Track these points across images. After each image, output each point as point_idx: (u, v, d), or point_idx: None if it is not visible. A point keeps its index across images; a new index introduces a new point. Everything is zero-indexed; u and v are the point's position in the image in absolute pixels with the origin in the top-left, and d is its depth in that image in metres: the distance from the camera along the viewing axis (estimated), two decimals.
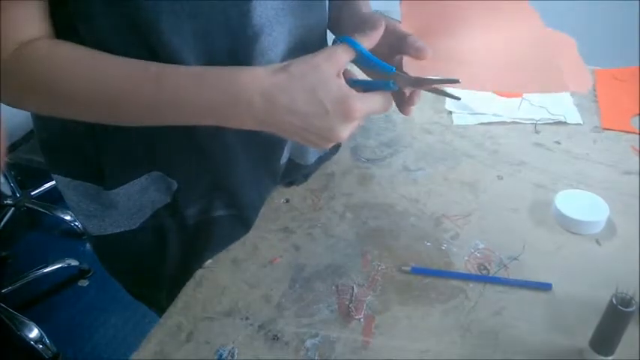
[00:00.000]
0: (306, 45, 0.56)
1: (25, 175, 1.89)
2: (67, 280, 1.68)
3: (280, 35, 0.56)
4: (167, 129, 0.51)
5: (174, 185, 0.59)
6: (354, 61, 0.54)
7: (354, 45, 0.52)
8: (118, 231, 0.62)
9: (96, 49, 0.48)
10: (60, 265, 1.65)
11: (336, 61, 0.50)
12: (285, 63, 0.50)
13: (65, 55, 0.48)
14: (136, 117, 0.50)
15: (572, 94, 0.94)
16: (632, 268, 0.62)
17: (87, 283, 1.66)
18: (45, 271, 1.64)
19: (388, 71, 0.54)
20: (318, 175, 0.78)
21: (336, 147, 0.81)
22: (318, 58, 0.50)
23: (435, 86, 0.55)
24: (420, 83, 0.54)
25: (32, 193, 1.86)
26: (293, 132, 0.50)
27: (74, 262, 1.66)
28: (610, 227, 0.67)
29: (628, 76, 0.99)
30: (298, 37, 0.58)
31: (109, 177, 0.57)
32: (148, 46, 0.49)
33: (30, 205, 1.84)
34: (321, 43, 0.63)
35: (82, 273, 1.67)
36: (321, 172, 0.79)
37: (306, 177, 0.77)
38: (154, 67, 0.48)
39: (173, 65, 0.49)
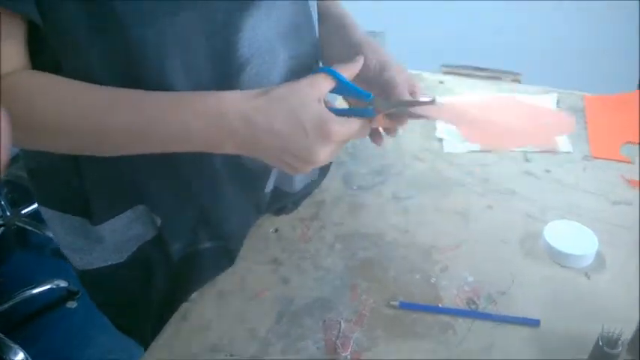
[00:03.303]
0: (298, 76, 0.56)
1: (17, 193, 1.87)
2: (55, 301, 1.66)
3: (270, 66, 0.56)
4: (150, 163, 0.50)
5: (159, 220, 0.58)
6: (334, 91, 0.55)
7: (334, 74, 0.53)
8: (105, 265, 0.61)
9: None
10: (48, 287, 1.63)
11: (317, 88, 0.51)
12: (266, 88, 0.50)
13: (43, 85, 0.48)
14: (117, 145, 0.50)
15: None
16: (620, 302, 0.62)
17: (75, 305, 1.63)
18: (33, 292, 1.61)
19: (366, 98, 0.56)
20: (308, 203, 0.78)
21: (324, 173, 0.81)
22: (300, 84, 0.51)
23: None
24: (397, 107, 0.57)
25: (23, 212, 1.84)
26: (272, 154, 0.51)
27: (63, 283, 1.64)
28: (599, 260, 0.67)
29: (617, 103, 1.00)
30: (289, 68, 0.59)
31: (95, 212, 0.57)
32: (134, 78, 0.48)
33: (20, 224, 1.82)
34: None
35: (70, 294, 1.65)
36: (312, 200, 0.79)
37: (295, 204, 0.77)
38: (132, 93, 0.48)
39: (152, 93, 0.48)
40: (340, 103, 0.71)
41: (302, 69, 0.59)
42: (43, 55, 0.48)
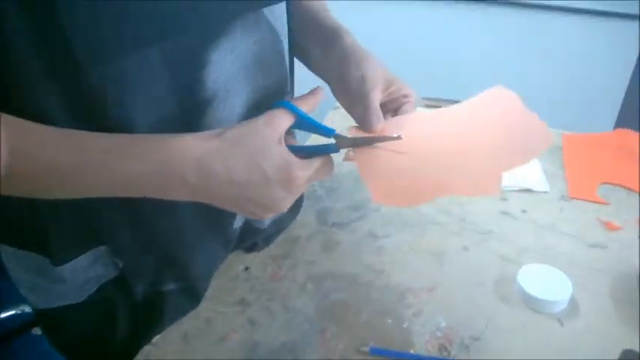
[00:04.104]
0: (266, 107, 0.55)
1: None
2: (20, 327, 1.60)
3: (237, 99, 0.55)
4: (110, 202, 0.48)
5: (121, 263, 0.56)
6: (294, 126, 0.53)
7: (293, 109, 0.51)
8: (64, 304, 0.58)
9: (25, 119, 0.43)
10: (14, 312, 1.58)
11: (276, 127, 0.49)
12: (220, 129, 0.47)
13: None
14: (60, 189, 0.45)
15: (540, 160, 0.94)
16: (592, 351, 0.61)
17: (40, 332, 1.58)
18: None
19: (328, 134, 0.54)
20: (281, 240, 0.76)
21: (297, 209, 0.79)
22: (257, 124, 0.48)
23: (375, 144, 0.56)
24: (361, 143, 0.56)
25: None
26: (230, 202, 0.48)
27: (28, 309, 1.59)
28: (573, 306, 0.66)
29: (595, 142, 1.00)
30: (256, 101, 0.57)
31: (55, 252, 0.54)
32: (93, 115, 0.46)
33: None
34: None
35: (36, 320, 1.60)
36: (285, 237, 0.77)
37: (267, 241, 0.75)
38: (78, 135, 0.44)
39: (98, 134, 0.45)
40: None
41: (268, 102, 0.57)
42: None
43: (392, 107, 0.62)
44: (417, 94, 0.64)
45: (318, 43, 0.65)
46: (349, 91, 0.59)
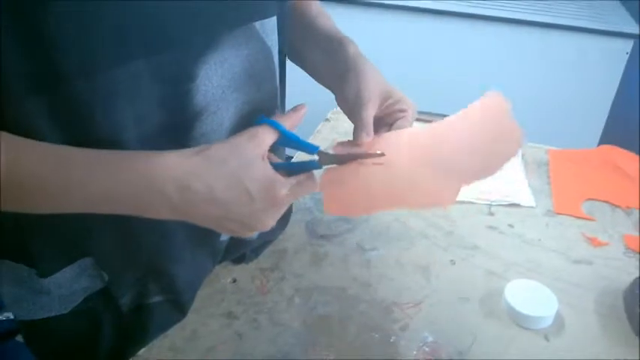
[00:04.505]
0: (252, 124, 0.54)
1: None
2: (3, 334, 1.57)
3: (226, 113, 0.55)
4: (95, 215, 0.47)
5: (107, 275, 0.56)
6: (277, 143, 0.52)
7: (275, 126, 0.51)
8: (48, 316, 0.58)
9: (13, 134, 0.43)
10: None
11: (258, 144, 0.48)
12: (202, 146, 0.47)
13: None
14: (47, 205, 0.45)
15: (527, 175, 0.95)
16: None
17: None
18: None
19: (312, 150, 0.54)
20: (269, 252, 0.76)
21: (285, 221, 0.79)
22: (239, 141, 0.47)
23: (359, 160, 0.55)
24: (344, 160, 0.55)
25: None
26: (213, 221, 0.48)
27: (12, 315, 1.57)
28: (558, 322, 0.67)
29: (581, 158, 1.02)
30: (245, 115, 0.57)
31: (41, 264, 0.53)
32: (79, 129, 0.45)
33: None
34: None
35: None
36: (274, 249, 0.77)
37: (255, 253, 0.75)
38: (58, 149, 0.43)
39: (80, 150, 0.44)
40: None
41: (257, 116, 0.57)
42: None
43: (388, 121, 0.61)
44: (415, 106, 0.63)
45: (321, 52, 0.64)
46: (347, 102, 0.59)
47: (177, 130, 0.51)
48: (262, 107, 0.59)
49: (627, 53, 1.69)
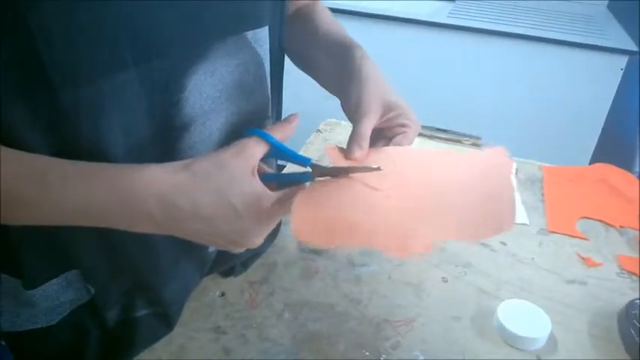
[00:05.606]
0: (242, 135, 0.53)
1: None
2: None
3: (215, 124, 0.54)
4: (81, 227, 0.46)
5: (93, 289, 0.54)
6: (269, 155, 0.51)
7: (266, 138, 0.49)
8: (34, 327, 0.56)
9: None
10: None
11: (247, 157, 0.46)
12: (187, 161, 0.45)
13: None
14: (24, 218, 0.43)
15: (520, 192, 0.95)
16: None
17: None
18: None
19: (304, 163, 0.52)
20: (259, 265, 0.75)
21: (275, 233, 0.78)
22: (226, 155, 0.46)
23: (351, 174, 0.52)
24: (337, 173, 0.52)
25: None
26: (199, 237, 0.46)
27: None
28: (551, 343, 0.66)
29: (575, 175, 1.01)
30: (235, 125, 0.56)
31: (27, 275, 0.52)
32: (65, 139, 0.44)
33: None
34: None
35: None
36: (263, 262, 0.76)
37: (245, 266, 0.73)
38: (40, 162, 0.42)
39: (61, 161, 0.43)
40: None
41: (248, 127, 0.54)
42: None
43: (387, 135, 0.59)
44: (418, 124, 0.60)
45: (329, 57, 0.63)
46: (348, 110, 0.58)
47: (166, 141, 0.50)
48: (253, 118, 0.58)
49: (622, 69, 1.70)
